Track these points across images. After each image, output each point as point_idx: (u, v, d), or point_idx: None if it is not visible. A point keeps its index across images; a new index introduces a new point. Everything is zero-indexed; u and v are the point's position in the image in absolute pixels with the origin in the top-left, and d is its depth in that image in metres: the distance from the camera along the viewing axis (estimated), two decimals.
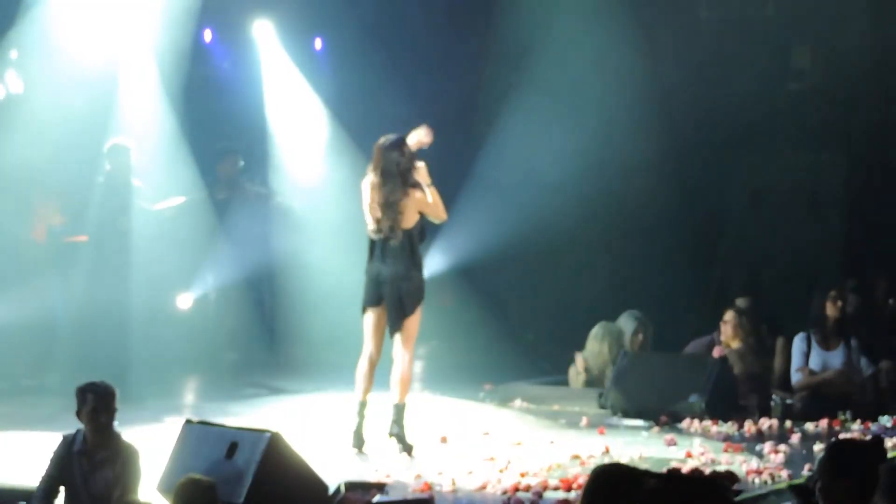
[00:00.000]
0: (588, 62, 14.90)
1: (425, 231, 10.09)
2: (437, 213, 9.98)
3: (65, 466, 7.41)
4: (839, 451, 5.33)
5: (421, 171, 9.90)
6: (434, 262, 14.24)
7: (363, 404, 9.87)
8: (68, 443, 7.46)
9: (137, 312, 13.18)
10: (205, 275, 14.48)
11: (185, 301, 14.38)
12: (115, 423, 7.59)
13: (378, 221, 9.86)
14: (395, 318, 9.86)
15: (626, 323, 12.90)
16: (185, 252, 14.11)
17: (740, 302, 12.94)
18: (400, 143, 9.89)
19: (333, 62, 15.94)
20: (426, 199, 9.88)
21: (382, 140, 9.91)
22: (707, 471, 8.87)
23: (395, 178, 9.81)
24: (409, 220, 9.89)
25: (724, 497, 5.32)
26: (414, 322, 9.92)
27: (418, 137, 9.90)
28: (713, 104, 14.92)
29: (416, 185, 9.88)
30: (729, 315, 12.14)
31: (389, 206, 9.81)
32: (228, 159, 14.89)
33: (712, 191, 15.68)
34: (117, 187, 13.32)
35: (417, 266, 9.98)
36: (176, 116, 14.36)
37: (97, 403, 7.36)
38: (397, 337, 9.90)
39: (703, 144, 15.22)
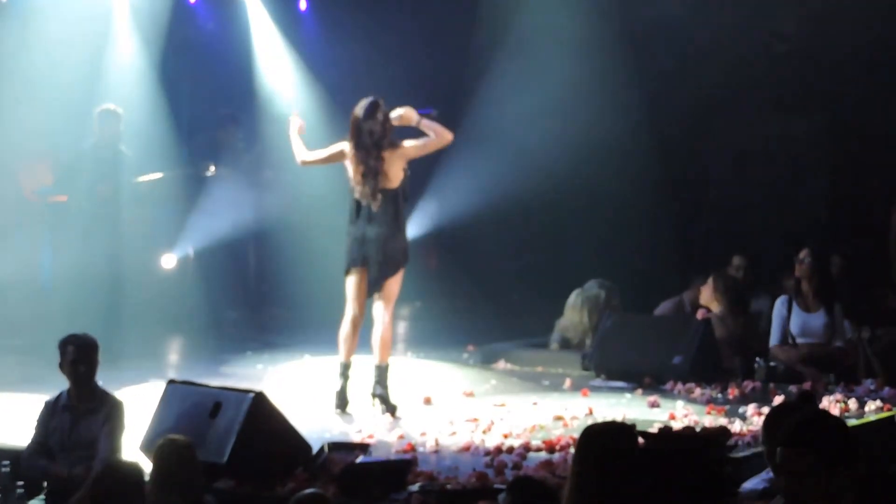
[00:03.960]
0: (570, 27, 14.84)
1: (408, 190, 10.09)
2: (441, 143, 10.05)
3: (49, 427, 7.47)
4: None
5: (405, 116, 9.89)
6: (419, 224, 14.21)
7: (346, 366, 9.88)
8: (52, 404, 7.56)
9: (121, 272, 13.14)
10: (189, 234, 14.43)
11: (169, 261, 14.33)
12: (100, 383, 7.63)
13: (362, 185, 9.85)
14: (378, 278, 9.87)
15: (596, 291, 12.82)
16: (170, 212, 14.08)
17: (737, 260, 12.88)
18: (373, 109, 9.82)
19: (319, 22, 15.85)
20: (418, 145, 9.89)
21: (357, 110, 9.84)
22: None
23: (373, 148, 9.79)
24: (394, 179, 9.88)
25: (714, 453, 5.36)
26: (396, 283, 9.93)
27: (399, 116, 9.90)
28: (697, 66, 14.88)
29: (397, 144, 9.86)
30: (709, 280, 12.05)
31: (370, 173, 9.80)
32: (230, 129, 14.79)
33: (696, 154, 15.65)
34: (105, 153, 13.21)
35: (402, 228, 9.98)
36: (158, 78, 14.29)
37: (77, 355, 7.43)
38: (378, 297, 9.91)
39: (686, 108, 15.16)
